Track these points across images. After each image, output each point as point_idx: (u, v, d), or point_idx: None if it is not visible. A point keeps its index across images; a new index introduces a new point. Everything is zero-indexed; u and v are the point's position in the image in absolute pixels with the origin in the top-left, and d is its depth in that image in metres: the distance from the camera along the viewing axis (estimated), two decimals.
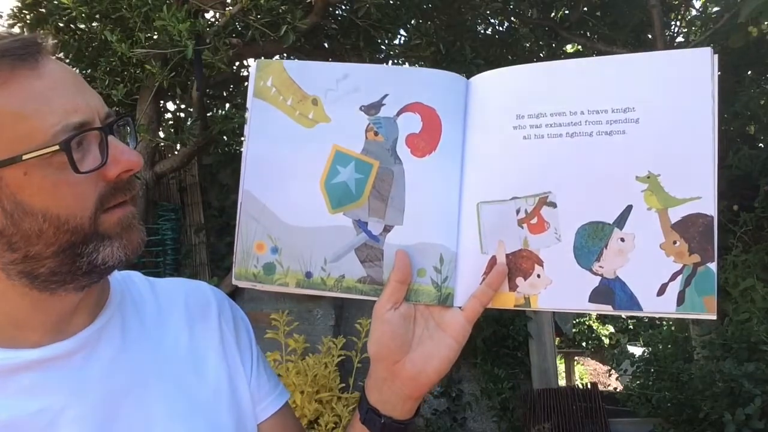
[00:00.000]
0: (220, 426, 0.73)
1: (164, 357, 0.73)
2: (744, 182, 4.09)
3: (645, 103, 0.69)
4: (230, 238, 4.55)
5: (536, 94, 0.73)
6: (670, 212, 0.68)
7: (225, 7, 3.11)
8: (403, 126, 0.76)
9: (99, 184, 0.63)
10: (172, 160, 3.84)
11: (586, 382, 6.47)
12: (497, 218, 0.73)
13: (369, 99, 0.77)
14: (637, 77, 0.70)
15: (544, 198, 0.72)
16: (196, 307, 0.80)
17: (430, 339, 0.73)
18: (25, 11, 3.55)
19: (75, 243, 0.62)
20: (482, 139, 0.75)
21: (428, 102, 0.76)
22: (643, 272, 0.68)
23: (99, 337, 0.69)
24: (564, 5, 4.42)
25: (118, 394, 0.67)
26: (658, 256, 0.68)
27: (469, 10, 4.00)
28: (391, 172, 0.76)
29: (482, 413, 4.23)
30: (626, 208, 0.69)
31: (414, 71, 0.79)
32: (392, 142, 0.76)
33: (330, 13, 3.64)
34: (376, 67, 0.79)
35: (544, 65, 0.74)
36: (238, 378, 0.78)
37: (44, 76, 0.61)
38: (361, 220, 0.76)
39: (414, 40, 3.72)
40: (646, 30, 4.41)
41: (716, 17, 3.78)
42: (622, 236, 0.69)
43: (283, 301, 4.22)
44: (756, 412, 3.02)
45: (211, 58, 3.00)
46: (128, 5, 2.96)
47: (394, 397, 0.74)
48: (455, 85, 0.76)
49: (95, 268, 0.64)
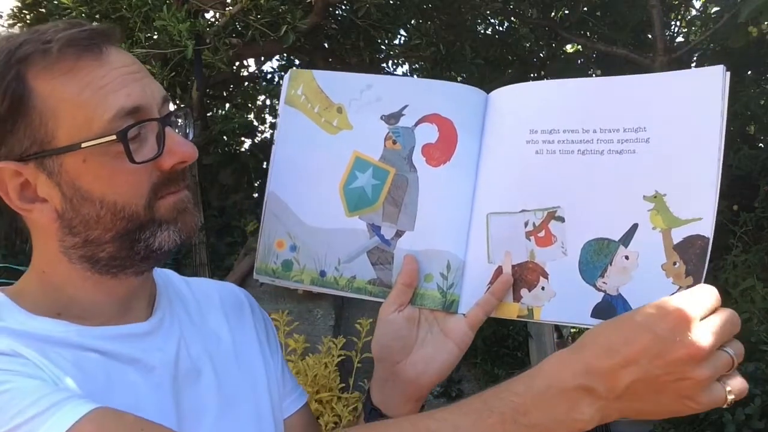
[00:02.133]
0: (262, 416, 0.76)
1: (212, 349, 0.75)
2: (744, 182, 4.09)
3: (656, 123, 0.69)
4: (230, 238, 4.56)
5: (551, 110, 0.74)
6: (673, 233, 0.68)
7: (225, 7, 3.11)
8: (420, 136, 0.78)
9: (154, 173, 0.65)
10: None
11: None
12: (506, 229, 0.75)
13: (390, 109, 0.79)
14: (650, 97, 0.70)
15: (553, 212, 0.73)
16: (230, 304, 0.83)
17: (432, 343, 0.74)
18: (25, 11, 3.56)
19: (131, 229, 0.65)
20: (496, 152, 0.76)
21: (446, 114, 0.78)
22: (645, 291, 0.68)
23: (162, 324, 0.72)
24: (564, 5, 4.42)
25: (182, 376, 0.70)
26: (659, 276, 0.68)
27: (469, 10, 4.00)
28: (406, 179, 0.78)
29: None
30: (632, 227, 0.69)
31: (435, 84, 0.81)
32: (409, 151, 0.78)
33: (330, 13, 3.64)
34: (399, 79, 0.82)
35: (560, 82, 0.75)
36: (270, 373, 0.81)
37: (106, 66, 0.63)
38: (375, 224, 0.78)
39: (414, 40, 3.73)
40: (646, 30, 4.41)
41: (716, 17, 3.78)
42: (627, 254, 0.69)
43: (283, 301, 4.22)
44: (756, 412, 3.02)
45: (211, 58, 3.00)
46: (128, 5, 2.96)
47: (395, 398, 0.76)
48: (474, 99, 0.78)
49: (152, 252, 0.66)
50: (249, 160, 4.88)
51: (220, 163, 4.78)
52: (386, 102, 0.79)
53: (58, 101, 0.61)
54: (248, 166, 4.87)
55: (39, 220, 0.65)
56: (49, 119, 0.61)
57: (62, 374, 0.59)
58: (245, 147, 5.11)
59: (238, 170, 4.87)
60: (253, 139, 5.11)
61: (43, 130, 0.61)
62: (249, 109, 5.05)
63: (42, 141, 0.62)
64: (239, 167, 4.86)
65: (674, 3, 4.63)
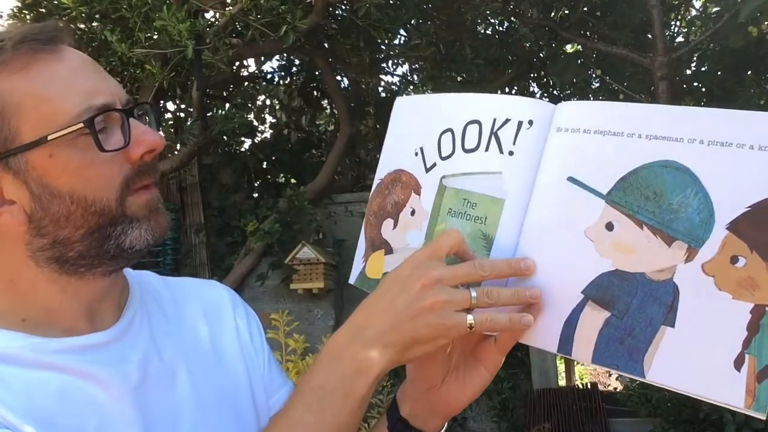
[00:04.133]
0: (243, 416, 0.74)
1: (189, 349, 0.74)
2: None
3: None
4: (230, 238, 4.55)
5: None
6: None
7: (225, 7, 3.11)
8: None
9: (124, 166, 0.64)
10: (172, 160, 3.84)
11: (586, 382, 6.47)
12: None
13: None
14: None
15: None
16: (211, 303, 0.81)
17: (464, 367, 0.74)
18: (25, 11, 3.56)
19: (102, 225, 0.63)
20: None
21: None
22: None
23: (130, 329, 0.70)
24: (564, 5, 4.42)
25: (153, 381, 0.67)
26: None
27: (469, 10, 4.00)
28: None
29: (482, 413, 4.23)
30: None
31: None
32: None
33: (330, 13, 3.64)
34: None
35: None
36: (254, 371, 0.79)
37: (64, 60, 0.62)
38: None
39: (414, 40, 3.73)
40: (646, 30, 4.41)
41: (716, 17, 3.78)
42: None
43: (283, 301, 4.23)
44: None
45: (211, 58, 3.00)
46: (128, 5, 2.96)
47: (425, 413, 0.75)
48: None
49: (123, 251, 0.65)
50: (249, 160, 4.88)
51: (220, 163, 4.78)
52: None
53: (21, 96, 0.60)
54: (248, 166, 4.87)
55: (7, 223, 0.62)
56: (11, 116, 0.60)
57: (10, 399, 0.58)
58: (245, 147, 5.12)
59: (238, 170, 4.87)
60: (253, 139, 5.11)
61: (6, 128, 0.60)
62: (249, 109, 5.06)
63: (5, 139, 0.60)
64: (239, 167, 4.86)
65: (674, 3, 4.64)
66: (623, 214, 0.67)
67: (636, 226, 0.66)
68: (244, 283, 4.17)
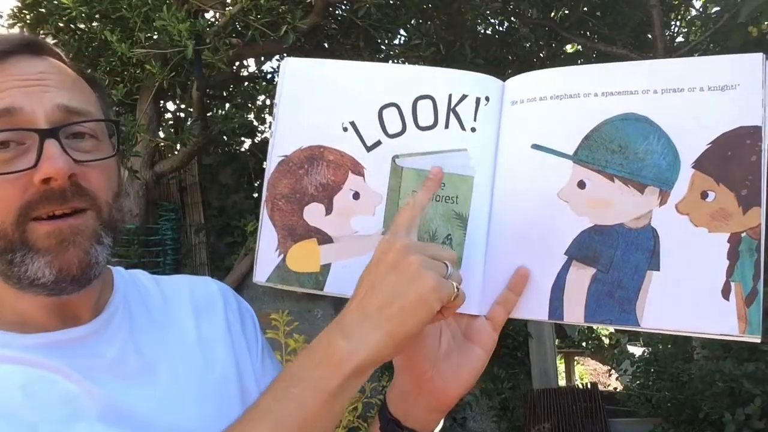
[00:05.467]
0: (229, 411, 0.73)
1: (173, 344, 0.74)
2: None
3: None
4: (230, 238, 4.56)
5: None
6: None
7: (225, 7, 3.11)
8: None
9: (29, 189, 0.61)
10: (172, 160, 3.85)
11: (586, 382, 6.47)
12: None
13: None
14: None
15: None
16: (201, 298, 0.81)
17: (457, 350, 0.72)
18: (25, 11, 3.56)
19: (4, 248, 0.61)
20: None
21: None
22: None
23: (108, 325, 0.70)
24: (564, 5, 4.42)
25: (129, 377, 0.67)
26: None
27: (469, 10, 4.00)
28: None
29: (482, 413, 4.23)
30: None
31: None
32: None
33: (330, 13, 3.64)
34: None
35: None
36: (245, 365, 0.79)
37: (2, 73, 0.62)
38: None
39: (414, 40, 3.73)
40: (646, 30, 4.41)
41: (716, 17, 3.78)
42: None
43: (283, 301, 4.23)
44: (756, 412, 3.02)
45: (211, 58, 3.00)
46: (128, 5, 2.96)
47: (418, 410, 0.74)
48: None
49: (31, 282, 0.62)
50: (249, 160, 4.88)
51: (220, 163, 4.78)
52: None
53: None
54: (248, 166, 4.87)
55: None
56: None
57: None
58: (245, 147, 5.11)
59: (238, 170, 4.87)
60: (253, 139, 5.11)
61: None
62: (249, 109, 5.05)
63: None
64: (239, 167, 4.86)
65: (674, 3, 4.63)
66: (593, 170, 0.69)
67: (607, 180, 0.68)
68: (244, 283, 4.17)
